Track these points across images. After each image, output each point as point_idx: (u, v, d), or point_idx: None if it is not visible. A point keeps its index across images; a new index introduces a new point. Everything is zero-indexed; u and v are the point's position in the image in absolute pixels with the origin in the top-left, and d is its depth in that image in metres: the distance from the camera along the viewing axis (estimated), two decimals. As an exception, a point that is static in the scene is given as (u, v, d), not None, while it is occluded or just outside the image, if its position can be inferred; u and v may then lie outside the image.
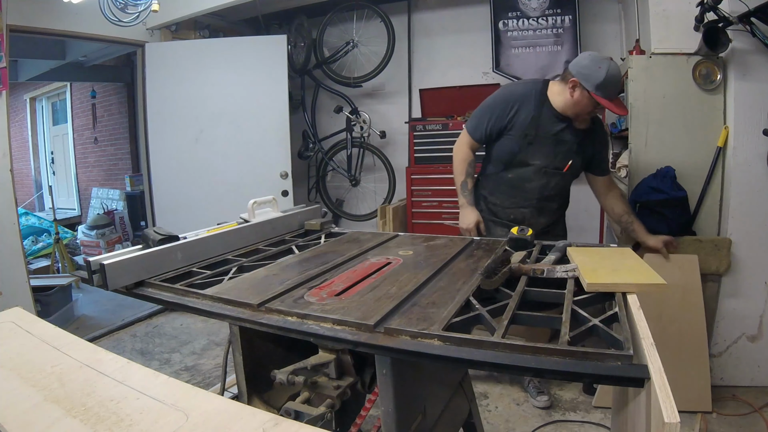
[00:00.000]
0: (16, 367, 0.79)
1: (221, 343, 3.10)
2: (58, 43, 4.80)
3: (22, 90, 6.85)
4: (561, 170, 1.92)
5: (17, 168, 4.88)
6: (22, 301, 2.76)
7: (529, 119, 1.88)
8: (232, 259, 1.43)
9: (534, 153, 1.91)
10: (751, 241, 2.20)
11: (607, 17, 3.36)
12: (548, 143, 1.89)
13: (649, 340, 0.77)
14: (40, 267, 4.60)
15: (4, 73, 2.68)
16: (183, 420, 0.62)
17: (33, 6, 3.03)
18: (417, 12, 3.98)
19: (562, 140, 1.89)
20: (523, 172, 1.95)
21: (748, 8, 1.94)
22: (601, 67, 1.76)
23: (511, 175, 1.98)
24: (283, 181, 3.66)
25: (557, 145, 1.89)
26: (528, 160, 1.92)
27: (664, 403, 0.62)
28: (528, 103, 1.89)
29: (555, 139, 1.89)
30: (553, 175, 1.94)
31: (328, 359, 0.96)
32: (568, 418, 2.15)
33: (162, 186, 3.78)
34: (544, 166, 1.92)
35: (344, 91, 4.06)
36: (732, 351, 2.30)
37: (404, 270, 1.21)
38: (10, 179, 2.80)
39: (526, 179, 1.95)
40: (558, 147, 1.90)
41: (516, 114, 1.90)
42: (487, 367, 0.80)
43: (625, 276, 1.03)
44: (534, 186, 1.96)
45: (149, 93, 3.69)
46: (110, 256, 1.22)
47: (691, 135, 2.24)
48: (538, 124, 1.88)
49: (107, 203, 5.80)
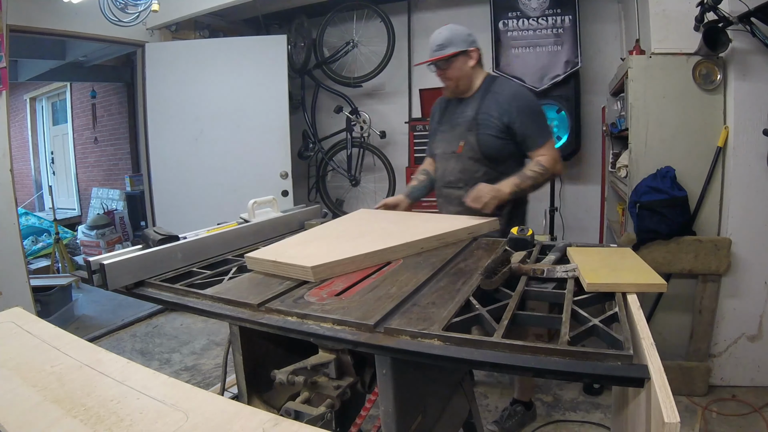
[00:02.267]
0: (16, 367, 0.79)
1: (221, 343, 3.10)
2: (58, 43, 4.80)
3: (22, 90, 6.85)
4: (456, 152, 1.85)
5: (17, 168, 4.87)
6: (22, 301, 2.76)
7: (439, 115, 1.99)
8: (232, 259, 1.43)
9: (438, 142, 1.95)
10: (751, 241, 2.20)
11: (607, 17, 3.36)
12: (447, 129, 1.92)
13: (649, 340, 0.77)
14: (40, 267, 4.60)
15: (4, 73, 2.68)
16: (183, 420, 0.62)
17: (33, 6, 3.03)
18: (417, 12, 3.98)
19: (457, 123, 1.88)
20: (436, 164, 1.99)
21: (748, 8, 1.94)
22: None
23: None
24: (283, 181, 3.66)
25: (453, 129, 1.89)
26: (433, 150, 1.98)
27: (664, 403, 0.62)
28: (441, 104, 2.02)
29: (451, 124, 1.91)
30: (449, 159, 1.89)
31: (328, 359, 0.96)
32: (568, 418, 2.15)
33: (162, 186, 3.78)
34: (443, 151, 1.92)
35: (344, 91, 4.06)
36: (732, 351, 2.30)
37: (404, 270, 1.21)
38: (10, 179, 2.80)
39: (436, 169, 1.97)
40: (454, 131, 1.88)
41: (433, 118, 2.04)
42: (487, 367, 0.80)
43: (625, 276, 1.03)
44: (438, 174, 1.96)
45: (149, 93, 3.69)
46: (110, 256, 1.22)
47: (691, 135, 2.24)
48: (443, 116, 1.97)
49: (107, 203, 5.80)
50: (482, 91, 1.84)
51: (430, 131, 2.06)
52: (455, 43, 1.78)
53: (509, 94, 1.80)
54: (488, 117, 1.79)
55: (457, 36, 1.79)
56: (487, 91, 1.83)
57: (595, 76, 3.41)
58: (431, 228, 1.46)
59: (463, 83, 1.85)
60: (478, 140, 1.80)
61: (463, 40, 1.80)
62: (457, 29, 1.81)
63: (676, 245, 2.21)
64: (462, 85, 1.85)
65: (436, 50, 1.80)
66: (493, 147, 1.79)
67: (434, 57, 1.80)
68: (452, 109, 1.93)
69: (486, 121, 1.79)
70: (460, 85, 1.85)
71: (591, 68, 3.41)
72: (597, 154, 3.53)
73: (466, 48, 1.79)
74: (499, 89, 1.82)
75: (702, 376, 2.25)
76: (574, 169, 3.64)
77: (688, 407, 2.18)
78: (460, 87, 1.86)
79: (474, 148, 1.81)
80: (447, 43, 1.78)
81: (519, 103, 1.77)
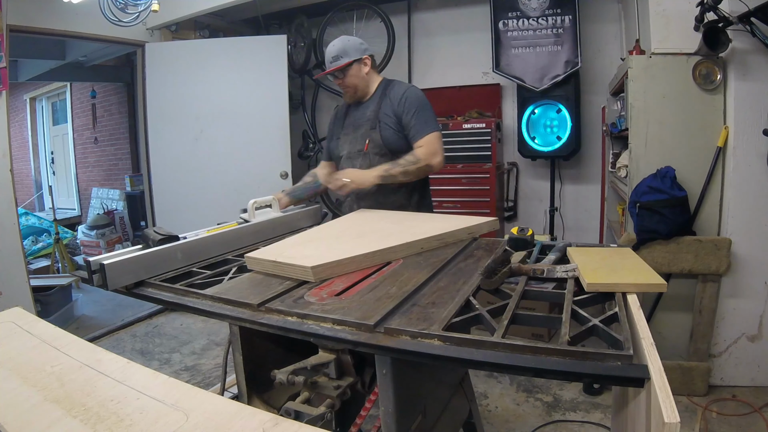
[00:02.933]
0: (16, 367, 0.79)
1: (221, 343, 3.10)
2: (58, 43, 4.80)
3: (22, 90, 6.85)
4: (362, 151, 1.95)
5: (17, 168, 4.88)
6: (22, 301, 2.76)
7: (340, 121, 2.08)
8: (232, 259, 1.43)
9: (342, 144, 2.03)
10: (751, 241, 2.20)
11: (607, 17, 3.36)
12: (350, 132, 2.01)
13: (649, 340, 0.77)
14: (40, 267, 4.60)
15: (4, 73, 2.68)
16: (183, 420, 0.62)
17: (33, 6, 3.03)
18: (417, 12, 3.98)
19: (360, 124, 1.98)
20: (339, 166, 2.05)
21: (748, 8, 1.94)
22: None
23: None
24: (283, 181, 3.66)
25: (356, 130, 1.98)
26: (339, 152, 2.05)
27: (664, 403, 0.62)
28: (340, 110, 2.13)
29: (354, 127, 2.00)
30: (356, 158, 1.97)
31: (328, 359, 0.96)
32: (568, 418, 2.15)
33: (162, 186, 3.78)
34: (348, 152, 2.00)
35: (344, 91, 4.06)
36: (732, 351, 2.30)
37: (404, 270, 1.21)
38: (10, 179, 2.80)
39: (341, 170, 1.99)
40: (357, 132, 1.98)
41: (334, 124, 2.14)
42: (487, 367, 0.80)
43: (625, 276, 1.02)
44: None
45: (149, 93, 3.70)
46: (110, 256, 1.22)
47: (691, 135, 2.24)
48: (344, 120, 2.06)
49: (107, 203, 5.80)
50: (379, 93, 1.97)
51: (330, 136, 2.16)
52: (349, 53, 1.91)
53: (401, 91, 1.93)
54: (386, 115, 1.92)
55: (350, 46, 1.92)
56: (384, 92, 1.96)
57: (595, 76, 3.41)
58: (431, 228, 1.46)
59: (360, 89, 1.97)
60: (382, 136, 1.91)
61: (356, 49, 1.92)
62: (349, 40, 1.95)
63: (676, 245, 2.21)
64: (360, 90, 1.97)
65: (332, 62, 1.92)
66: (394, 141, 1.91)
67: (331, 68, 1.93)
68: (353, 113, 2.04)
69: (385, 118, 1.92)
70: (358, 91, 1.97)
71: (591, 68, 3.41)
72: (597, 154, 3.53)
73: (359, 56, 1.92)
74: (393, 89, 1.96)
75: (702, 376, 2.25)
76: (574, 169, 3.64)
77: (688, 407, 2.18)
78: (359, 92, 1.98)
79: (378, 144, 1.92)
80: (341, 53, 1.91)
81: (407, 97, 1.90)
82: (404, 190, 1.95)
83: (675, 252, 2.22)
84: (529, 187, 3.82)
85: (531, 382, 2.44)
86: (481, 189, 3.43)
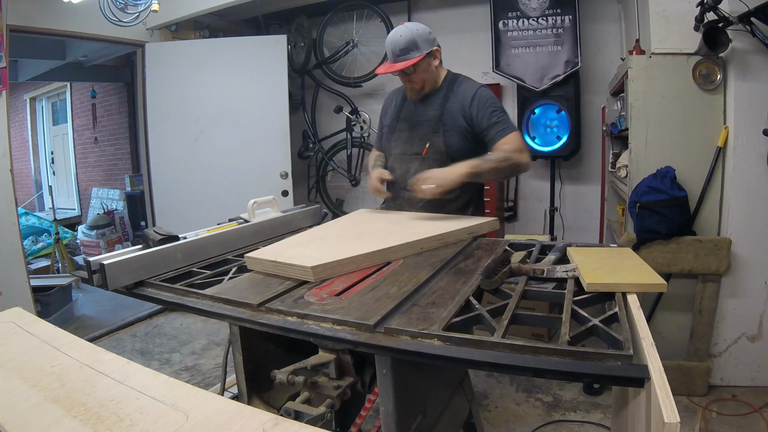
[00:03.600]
0: (16, 367, 0.79)
1: (221, 343, 3.10)
2: (58, 43, 4.80)
3: (22, 90, 6.85)
4: (420, 155, 1.78)
5: (17, 168, 4.88)
6: (22, 301, 2.76)
7: (394, 111, 1.90)
8: (232, 259, 1.43)
9: (395, 141, 1.87)
10: (751, 241, 2.20)
11: (607, 17, 3.36)
12: (406, 128, 1.84)
13: (649, 340, 0.77)
14: (40, 267, 4.60)
15: (4, 73, 2.68)
16: (183, 420, 0.62)
17: (33, 6, 3.03)
18: (417, 12, 3.98)
19: (419, 123, 1.81)
20: (390, 163, 1.89)
21: (748, 8, 1.94)
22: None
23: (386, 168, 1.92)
24: (283, 181, 3.66)
25: (413, 129, 1.82)
26: (390, 149, 1.89)
27: (664, 403, 0.62)
28: (396, 98, 1.94)
29: (411, 124, 1.83)
30: (411, 161, 1.81)
31: (328, 359, 0.96)
32: (568, 418, 2.15)
33: (162, 186, 3.78)
34: (402, 152, 1.84)
35: (344, 91, 4.06)
36: (732, 351, 2.30)
37: (404, 270, 1.21)
38: (10, 179, 2.80)
39: (392, 169, 1.87)
40: (414, 131, 1.81)
41: (387, 111, 1.94)
42: (487, 367, 0.80)
43: (625, 276, 1.03)
44: (397, 175, 1.85)
45: (149, 93, 3.69)
46: (110, 256, 1.22)
47: (691, 135, 2.24)
48: (399, 113, 1.88)
49: (107, 203, 5.80)
50: (445, 91, 1.79)
51: (382, 126, 1.97)
52: (420, 46, 1.68)
53: (470, 90, 1.75)
54: (452, 116, 1.75)
55: (420, 37, 1.68)
56: (450, 91, 1.78)
57: (595, 76, 3.41)
58: (431, 228, 1.46)
59: (429, 84, 1.78)
60: (445, 142, 1.75)
61: (426, 40, 1.70)
62: (418, 29, 1.70)
63: (676, 245, 2.21)
64: (428, 86, 1.79)
65: (400, 55, 1.68)
66: (459, 149, 1.74)
67: (400, 64, 1.68)
68: (410, 106, 1.85)
69: (451, 121, 1.75)
70: (426, 87, 1.79)
71: (591, 68, 3.41)
72: (597, 154, 3.53)
73: (430, 48, 1.71)
74: (461, 86, 1.78)
75: (702, 376, 2.25)
76: (574, 169, 3.64)
77: (688, 407, 2.18)
78: (426, 88, 1.79)
79: (440, 150, 1.75)
80: (411, 46, 1.67)
81: (479, 97, 1.73)
82: (459, 201, 1.79)
83: (675, 252, 2.22)
84: (529, 187, 3.82)
85: (531, 382, 2.44)
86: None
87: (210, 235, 1.48)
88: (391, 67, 1.71)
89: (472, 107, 1.72)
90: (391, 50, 1.70)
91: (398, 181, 1.86)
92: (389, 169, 1.88)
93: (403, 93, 1.89)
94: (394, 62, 1.70)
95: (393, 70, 1.71)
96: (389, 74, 1.80)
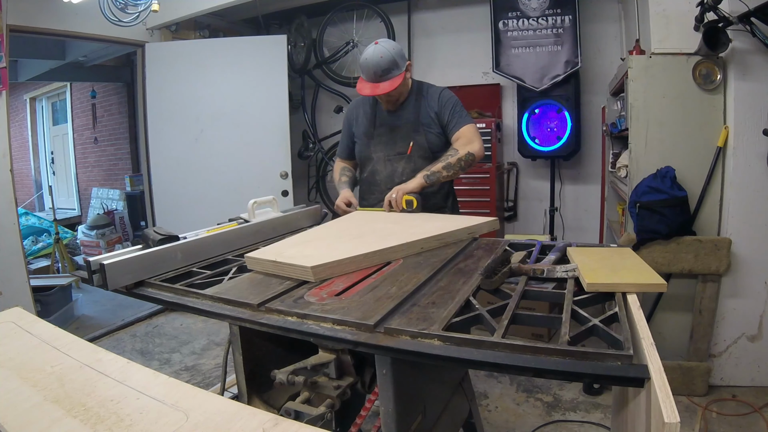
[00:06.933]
0: (16, 367, 0.79)
1: (221, 343, 3.10)
2: (58, 43, 4.80)
3: (22, 90, 6.85)
4: (404, 154, 1.93)
5: (17, 168, 4.88)
6: (22, 301, 2.76)
7: (367, 120, 2.00)
8: (232, 259, 1.43)
9: (376, 146, 1.98)
10: (751, 241, 2.20)
11: (607, 17, 3.36)
12: (385, 133, 1.96)
13: (649, 340, 0.77)
14: (40, 267, 4.60)
15: (4, 73, 2.68)
16: (183, 420, 0.62)
17: (33, 6, 3.03)
18: (417, 12, 3.98)
19: (398, 126, 1.94)
20: (372, 167, 2.00)
21: (748, 8, 1.94)
22: (364, 52, 1.82)
23: (366, 174, 2.05)
24: (283, 181, 3.66)
25: (393, 132, 1.95)
26: (370, 154, 2.00)
27: (664, 403, 0.62)
28: (362, 108, 2.04)
29: (390, 128, 1.95)
30: (396, 161, 1.95)
31: (328, 359, 0.96)
32: (568, 418, 2.15)
33: (162, 186, 3.78)
34: (385, 155, 1.97)
35: (344, 91, 4.06)
36: (732, 351, 2.30)
37: (404, 270, 1.21)
38: (10, 179, 2.80)
39: (375, 172, 2.00)
40: (395, 134, 1.94)
41: (357, 121, 2.04)
42: (487, 367, 0.80)
43: (625, 276, 1.03)
44: (383, 176, 1.98)
45: (149, 93, 3.69)
46: (110, 256, 1.22)
47: (691, 135, 2.24)
48: (374, 120, 1.99)
49: (107, 203, 5.80)
50: (414, 95, 1.94)
51: (348, 134, 2.08)
52: (399, 63, 1.79)
53: (437, 92, 1.93)
54: (428, 117, 1.91)
55: (398, 55, 1.79)
56: (420, 95, 1.94)
57: (595, 76, 3.42)
58: (431, 228, 1.46)
59: (404, 96, 1.93)
60: (428, 140, 1.91)
61: (402, 56, 1.81)
62: (394, 48, 1.80)
63: (676, 245, 2.21)
64: (402, 98, 1.93)
65: (383, 75, 1.76)
66: (438, 143, 1.92)
67: (386, 84, 1.77)
68: (383, 114, 1.98)
69: (427, 120, 1.91)
70: (401, 99, 1.93)
71: (591, 68, 3.41)
72: (597, 154, 3.54)
73: (405, 63, 1.83)
74: (429, 90, 1.95)
75: (702, 376, 2.25)
76: (574, 169, 3.64)
77: (688, 407, 2.18)
78: (401, 100, 1.93)
79: (424, 147, 1.92)
80: (391, 66, 1.76)
81: (444, 97, 1.91)
82: (441, 193, 1.97)
83: (675, 252, 2.22)
84: (529, 187, 3.82)
85: (531, 382, 2.44)
86: (481, 189, 3.43)
87: (210, 235, 1.48)
88: (376, 88, 1.79)
89: (438, 106, 1.91)
90: (373, 71, 1.77)
91: (384, 181, 1.98)
92: (373, 172, 2.01)
93: (371, 102, 2.01)
94: (376, 82, 1.78)
95: (380, 92, 1.79)
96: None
